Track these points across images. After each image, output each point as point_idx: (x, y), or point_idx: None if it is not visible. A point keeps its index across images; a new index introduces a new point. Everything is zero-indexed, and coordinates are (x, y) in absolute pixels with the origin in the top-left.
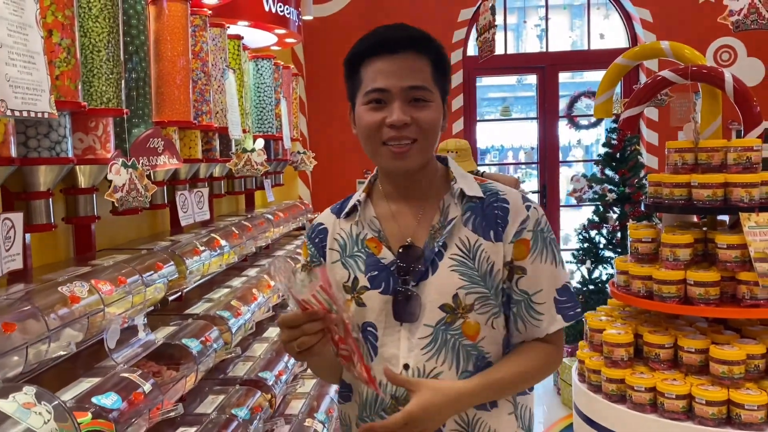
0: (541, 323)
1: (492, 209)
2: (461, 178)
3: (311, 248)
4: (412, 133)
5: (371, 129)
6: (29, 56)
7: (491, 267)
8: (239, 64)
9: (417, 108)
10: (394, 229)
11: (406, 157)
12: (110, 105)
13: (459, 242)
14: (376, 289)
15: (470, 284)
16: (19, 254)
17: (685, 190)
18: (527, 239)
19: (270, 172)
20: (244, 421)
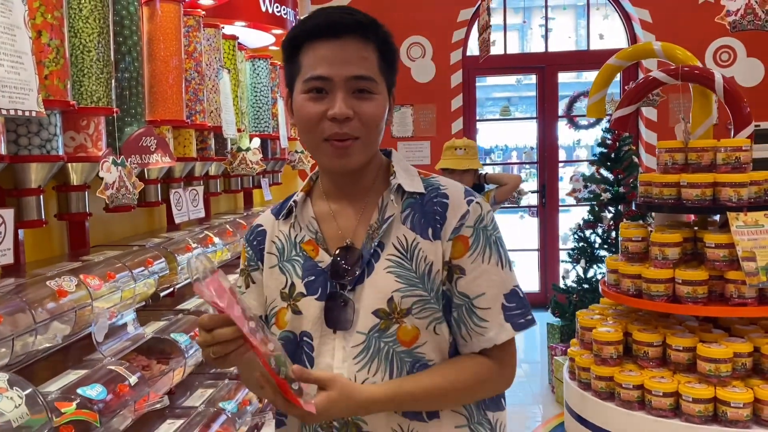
0: (486, 331)
1: (431, 205)
2: (403, 173)
3: (249, 251)
4: (354, 130)
5: (311, 122)
6: (17, 56)
7: (429, 267)
8: (234, 64)
9: (361, 100)
10: (333, 230)
11: (348, 155)
12: (100, 104)
13: (396, 242)
14: (312, 296)
15: (407, 287)
16: (10, 249)
17: (675, 190)
18: (466, 236)
19: (267, 171)
20: (232, 415)
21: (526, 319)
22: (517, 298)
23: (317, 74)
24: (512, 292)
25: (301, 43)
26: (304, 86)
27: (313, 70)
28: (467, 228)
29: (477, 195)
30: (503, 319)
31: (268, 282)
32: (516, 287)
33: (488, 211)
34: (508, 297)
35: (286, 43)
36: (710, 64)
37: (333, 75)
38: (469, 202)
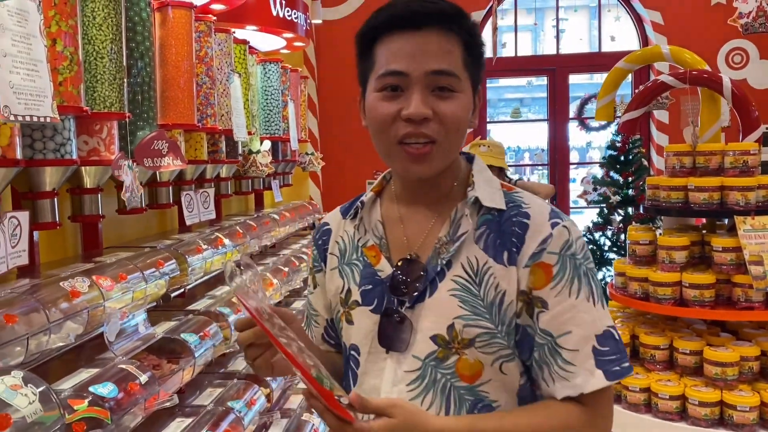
0: (572, 377)
1: (510, 225)
2: (483, 184)
3: (314, 251)
4: (432, 131)
5: (384, 123)
6: (32, 64)
7: (501, 297)
8: (245, 68)
9: (441, 99)
10: (399, 237)
11: (424, 160)
12: (113, 109)
13: (466, 262)
14: (366, 306)
15: (471, 315)
16: (25, 251)
17: (682, 193)
18: (548, 264)
19: (278, 173)
20: (240, 414)
21: (621, 366)
22: (612, 341)
23: (392, 69)
24: (606, 333)
25: (376, 36)
26: (377, 83)
27: (388, 65)
28: (550, 254)
29: (565, 217)
30: (594, 364)
31: (328, 285)
32: (611, 328)
33: (578, 237)
34: (600, 339)
35: (360, 38)
36: (723, 66)
37: (410, 70)
38: (554, 224)
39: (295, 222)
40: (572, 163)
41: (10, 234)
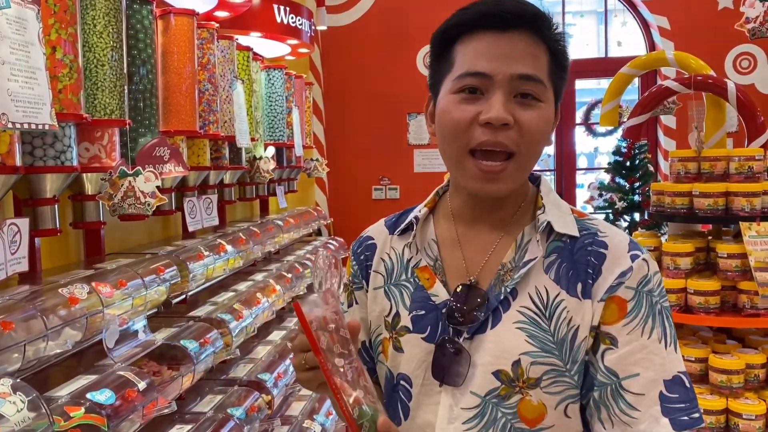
0: (635, 423)
1: (584, 254)
2: (553, 208)
3: (354, 266)
4: (510, 141)
5: (458, 128)
6: (31, 72)
7: (574, 333)
8: (249, 74)
9: (523, 107)
10: (456, 260)
11: (499, 178)
12: (113, 116)
13: (535, 293)
14: (418, 334)
15: (539, 351)
16: (25, 257)
17: (687, 199)
18: (624, 299)
19: (283, 179)
20: (240, 421)
21: (691, 417)
22: (683, 389)
23: (474, 70)
24: (676, 379)
25: (458, 35)
26: (454, 85)
27: (471, 66)
28: (627, 289)
29: (644, 249)
30: (659, 411)
31: (371, 305)
32: (682, 374)
33: (656, 272)
34: (669, 385)
35: (438, 36)
36: (730, 71)
37: (494, 71)
38: (634, 257)
39: (299, 228)
40: (579, 169)
41: (10, 241)
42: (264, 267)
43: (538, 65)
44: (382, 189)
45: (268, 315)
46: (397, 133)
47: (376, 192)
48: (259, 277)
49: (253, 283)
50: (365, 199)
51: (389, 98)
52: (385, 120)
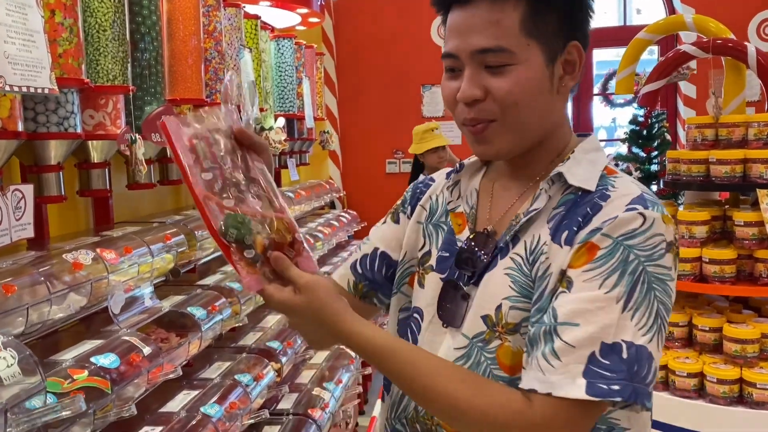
0: (550, 372)
1: (586, 205)
2: (578, 163)
3: (408, 194)
4: (485, 113)
5: (448, 105)
6: (28, 35)
7: (547, 280)
8: (257, 44)
9: (494, 75)
10: (485, 210)
11: (485, 141)
12: (116, 82)
13: (530, 240)
14: (438, 273)
15: (519, 296)
16: (30, 224)
17: (703, 167)
18: (596, 244)
19: (294, 151)
20: (247, 387)
21: (611, 387)
22: (618, 358)
23: (445, 50)
24: (616, 347)
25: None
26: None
27: (445, 46)
28: (603, 237)
29: (656, 209)
30: (581, 371)
31: (410, 234)
32: (625, 343)
33: (656, 234)
34: (606, 349)
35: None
36: (753, 38)
37: (458, 50)
38: (630, 209)
39: (311, 201)
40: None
41: (14, 206)
42: None
43: (500, 31)
44: (396, 162)
45: None
46: (411, 106)
47: (390, 165)
48: None
49: None
50: (379, 173)
51: (403, 70)
52: (398, 92)
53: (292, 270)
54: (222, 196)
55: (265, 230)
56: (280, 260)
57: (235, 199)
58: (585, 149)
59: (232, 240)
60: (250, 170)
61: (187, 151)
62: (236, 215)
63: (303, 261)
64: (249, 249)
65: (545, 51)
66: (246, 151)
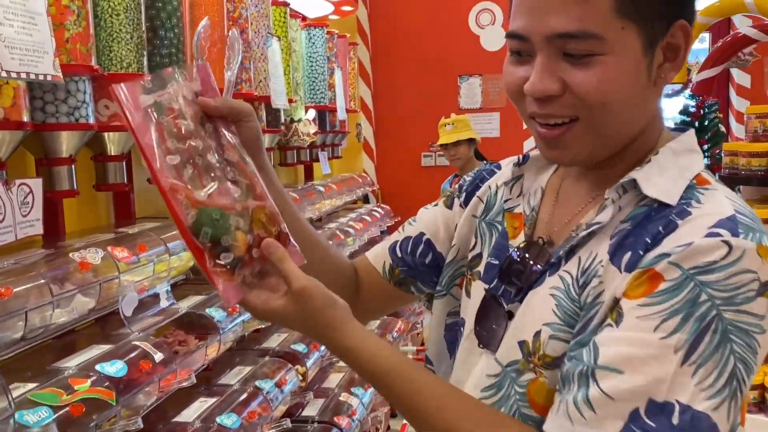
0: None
1: (659, 222)
2: (664, 167)
3: (467, 179)
4: (564, 110)
5: (512, 94)
6: (29, 17)
7: (595, 311)
8: (285, 32)
9: (576, 66)
10: (547, 214)
11: (560, 146)
12: (130, 70)
13: (586, 258)
14: (484, 283)
15: (561, 324)
16: (39, 220)
17: (765, 160)
18: (660, 274)
19: (326, 144)
20: (269, 394)
21: None
22: (667, 423)
23: (512, 30)
24: (666, 406)
25: None
26: (507, 43)
27: (511, 24)
28: (671, 266)
29: (748, 235)
30: (618, 430)
31: (462, 228)
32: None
33: (741, 269)
34: (652, 408)
35: None
36: None
37: (530, 31)
38: (712, 234)
39: (342, 195)
40: None
41: (21, 202)
42: None
43: (589, 11)
44: (432, 155)
45: None
46: (447, 97)
47: (426, 159)
48: None
49: None
50: (414, 166)
51: (440, 60)
52: (435, 83)
53: (286, 263)
54: (193, 185)
55: (246, 225)
56: (274, 248)
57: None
58: (674, 150)
59: (206, 241)
60: (223, 148)
61: (149, 126)
62: (211, 210)
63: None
64: (226, 252)
65: (644, 35)
66: (218, 122)
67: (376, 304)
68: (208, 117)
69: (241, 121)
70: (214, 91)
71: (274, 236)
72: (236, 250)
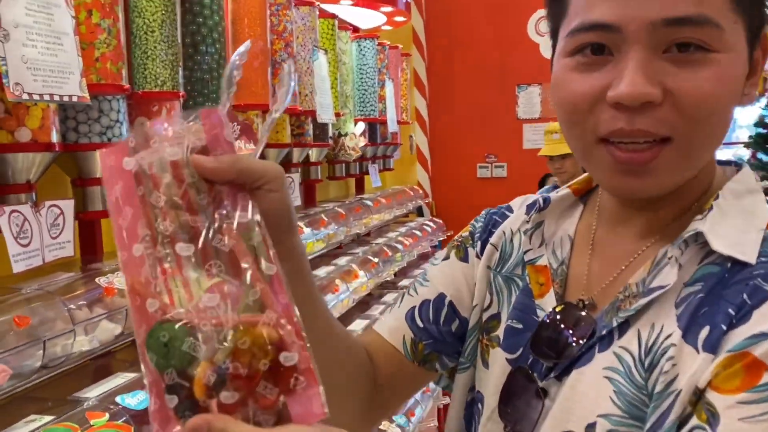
0: None
1: (741, 289)
2: (725, 213)
3: (478, 224)
4: (663, 124)
5: (577, 110)
6: (54, 37)
7: (672, 399)
8: (333, 45)
9: (682, 66)
10: (582, 268)
11: (647, 171)
12: (165, 88)
13: (648, 331)
14: (507, 353)
15: (624, 416)
16: (70, 242)
17: None
18: (761, 361)
19: (378, 156)
20: None
21: None
22: None
23: (591, 21)
24: None
25: None
26: (567, 43)
27: (584, 13)
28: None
29: None
30: None
31: (480, 281)
32: None
33: None
34: None
35: None
36: None
37: (622, 19)
38: None
39: (392, 208)
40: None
41: (51, 224)
42: (352, 250)
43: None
44: (488, 167)
45: (348, 303)
46: (505, 107)
47: (482, 170)
48: (343, 261)
49: (334, 267)
50: (470, 178)
51: (497, 69)
52: (492, 92)
53: None
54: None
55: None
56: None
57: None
58: (735, 192)
59: (153, 368)
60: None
61: (125, 203)
62: (165, 328)
63: (296, 403)
64: (171, 392)
65: (749, 38)
66: (228, 190)
67: (398, 390)
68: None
69: (261, 188)
70: (226, 146)
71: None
72: (183, 392)
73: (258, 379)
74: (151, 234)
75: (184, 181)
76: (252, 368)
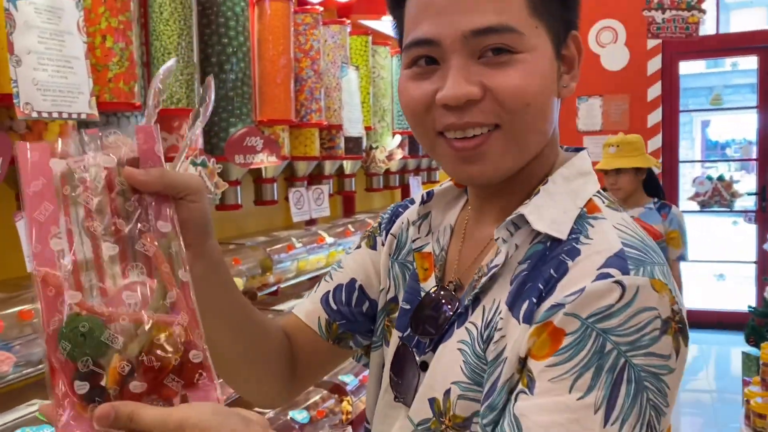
0: None
1: (550, 265)
2: (553, 196)
3: (385, 216)
4: (485, 116)
5: (416, 112)
6: (65, 61)
7: (500, 369)
8: (366, 60)
9: (494, 67)
10: (457, 252)
11: (477, 158)
12: (180, 105)
13: (489, 307)
14: (398, 331)
15: (469, 383)
16: None
17: None
18: (560, 328)
19: (421, 168)
20: (303, 425)
21: None
22: None
23: (417, 37)
24: None
25: None
26: (405, 56)
27: (413, 31)
28: (568, 317)
29: (638, 269)
30: None
31: (383, 267)
32: None
33: (639, 308)
34: None
35: None
36: None
37: (440, 34)
38: (603, 275)
39: None
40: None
41: None
42: None
43: (503, 7)
44: None
45: None
46: (565, 119)
47: None
48: None
49: None
50: None
51: None
52: None
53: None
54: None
55: (137, 346)
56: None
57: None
58: (565, 176)
59: (62, 357)
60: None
61: (45, 199)
62: (82, 319)
63: (196, 394)
64: (83, 379)
65: (553, 39)
66: (152, 200)
67: (315, 367)
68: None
69: (184, 199)
70: (155, 159)
71: (175, 365)
72: (95, 380)
73: (167, 372)
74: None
75: (115, 188)
76: (164, 362)
